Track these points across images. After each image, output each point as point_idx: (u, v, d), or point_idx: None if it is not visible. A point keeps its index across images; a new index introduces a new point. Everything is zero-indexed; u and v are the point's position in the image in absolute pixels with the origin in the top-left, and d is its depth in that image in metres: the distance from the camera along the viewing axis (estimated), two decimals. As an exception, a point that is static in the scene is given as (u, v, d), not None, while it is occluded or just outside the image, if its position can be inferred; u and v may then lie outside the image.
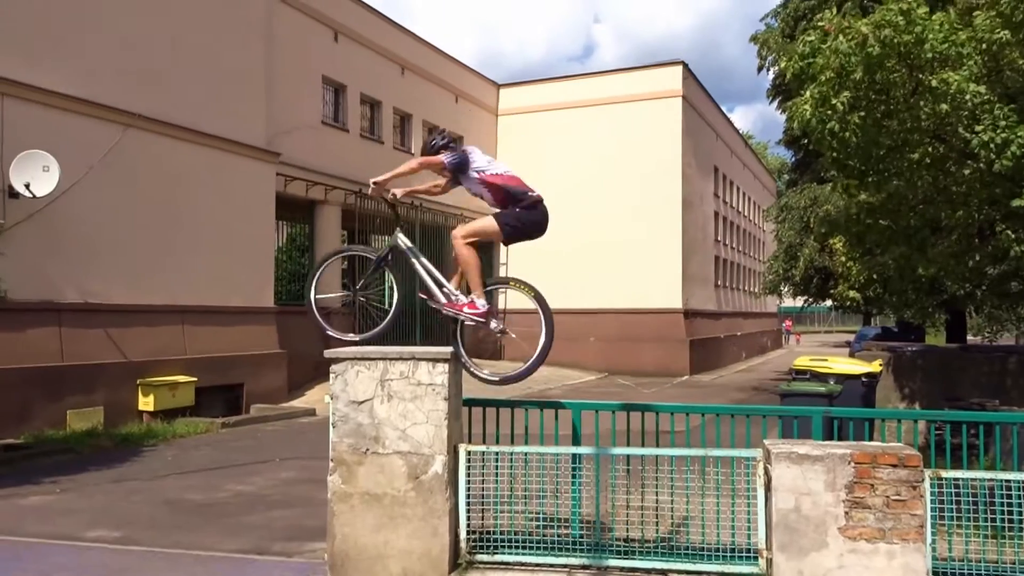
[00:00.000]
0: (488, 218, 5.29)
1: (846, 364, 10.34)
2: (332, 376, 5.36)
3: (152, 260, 13.82)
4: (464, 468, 5.31)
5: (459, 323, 5.38)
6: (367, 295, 5.61)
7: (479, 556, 5.29)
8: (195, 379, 14.03)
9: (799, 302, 29.46)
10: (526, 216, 5.26)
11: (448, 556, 5.15)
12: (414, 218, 20.24)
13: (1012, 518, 4.82)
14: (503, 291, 5.97)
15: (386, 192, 5.44)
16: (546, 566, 5.24)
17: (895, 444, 5.16)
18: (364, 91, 21.41)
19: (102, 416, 12.44)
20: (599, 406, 5.88)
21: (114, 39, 13.12)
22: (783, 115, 23.57)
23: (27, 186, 11.33)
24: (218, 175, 15.30)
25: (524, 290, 5.47)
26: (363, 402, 5.29)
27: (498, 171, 5.31)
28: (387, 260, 5.46)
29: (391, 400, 5.26)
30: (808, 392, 9.21)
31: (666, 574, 5.12)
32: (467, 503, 5.31)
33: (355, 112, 21.18)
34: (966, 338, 21.97)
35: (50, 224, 11.92)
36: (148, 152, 13.75)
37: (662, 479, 5.33)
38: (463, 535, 5.28)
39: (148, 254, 13.75)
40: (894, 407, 12.40)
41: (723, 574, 5.05)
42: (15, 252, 10.91)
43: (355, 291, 5.55)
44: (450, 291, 5.33)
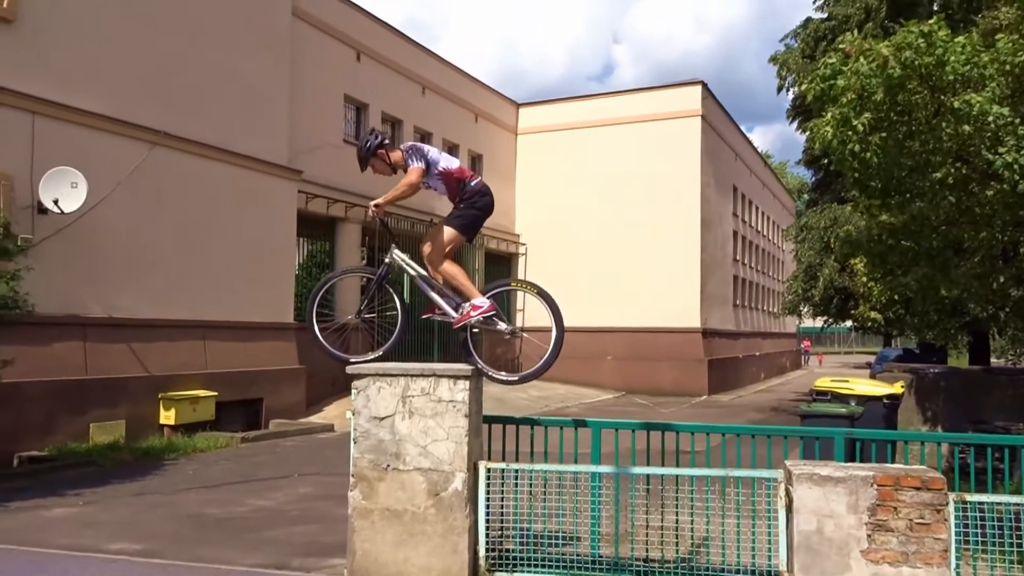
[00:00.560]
0: (446, 229, 5.52)
1: (868, 385, 10.27)
2: (354, 392, 5.41)
3: (175, 275, 14.01)
4: (484, 485, 5.33)
5: (468, 330, 5.48)
6: (373, 315, 5.68)
7: (498, 574, 5.29)
8: (216, 394, 14.15)
9: (818, 322, 29.22)
10: (479, 202, 5.54)
11: (467, 574, 5.16)
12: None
13: (1038, 543, 4.76)
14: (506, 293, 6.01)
15: (383, 215, 5.63)
16: (565, 585, 5.23)
17: (918, 467, 5.12)
18: (385, 110, 21.64)
19: (124, 429, 12.56)
20: (619, 424, 5.89)
21: (141, 59, 13.39)
22: (803, 135, 23.58)
23: (56, 202, 11.56)
24: (241, 192, 15.51)
25: (527, 288, 5.61)
26: (384, 418, 5.34)
27: (451, 164, 5.58)
28: (386, 278, 5.56)
29: (412, 416, 5.30)
30: (829, 413, 9.16)
31: (686, 595, 5.10)
32: (487, 520, 5.33)
33: (376, 130, 21.33)
34: (989, 360, 21.66)
35: (77, 240, 12.12)
36: (173, 169, 13.99)
37: (682, 499, 5.32)
38: (482, 552, 5.29)
39: (172, 269, 13.94)
40: (916, 429, 12.25)
41: (744, 596, 5.03)
42: (43, 267, 11.09)
43: (359, 312, 5.63)
44: (452, 299, 5.47)
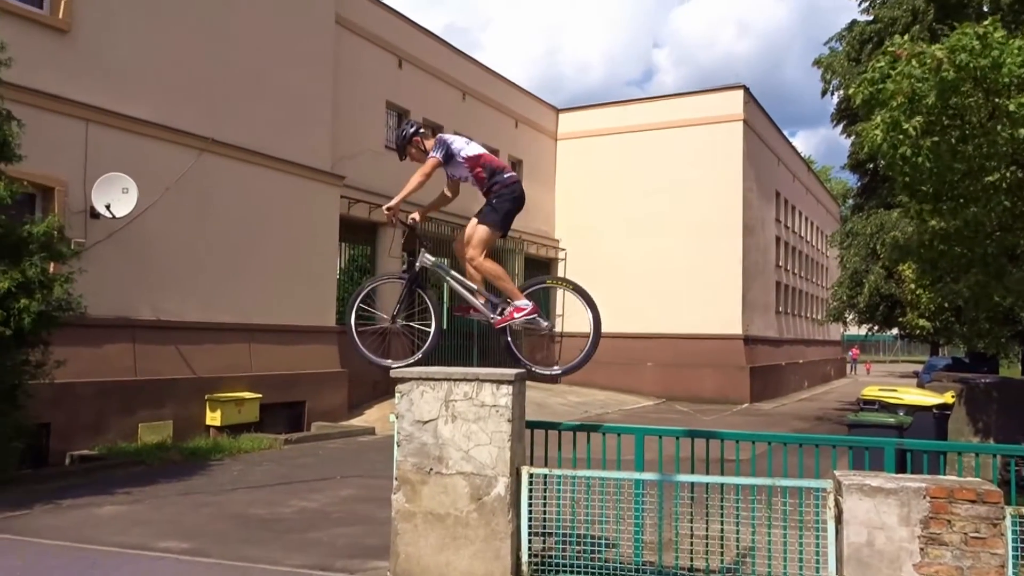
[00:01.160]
0: (480, 227, 5.45)
1: (917, 395, 10.04)
2: (398, 395, 5.45)
3: (222, 279, 14.28)
4: (526, 491, 5.32)
5: (507, 331, 5.47)
6: (408, 320, 5.68)
7: (540, 580, 5.28)
8: (260, 396, 14.36)
9: (863, 330, 28.65)
10: (508, 194, 5.43)
11: (510, 579, 5.16)
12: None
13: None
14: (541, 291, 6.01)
15: (403, 216, 5.54)
16: (608, 593, 5.20)
17: (973, 479, 4.98)
18: (426, 116, 21.80)
19: (171, 430, 12.83)
20: (662, 431, 5.83)
21: (189, 67, 13.70)
22: (848, 139, 23.18)
23: (107, 207, 11.88)
24: (285, 198, 15.76)
25: (564, 285, 5.58)
26: (427, 422, 5.37)
27: (476, 151, 5.51)
28: (417, 281, 5.56)
29: (455, 421, 5.32)
30: (877, 423, 8.97)
31: (731, 605, 5.04)
32: (529, 526, 5.32)
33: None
34: (1043, 370, 21.03)
35: (127, 244, 12.44)
36: (220, 175, 14.28)
37: (727, 508, 5.25)
38: (524, 558, 5.28)
39: (218, 273, 14.21)
40: (967, 440, 11.93)
41: (791, 608, 4.94)
42: (95, 270, 11.38)
43: (392, 318, 5.64)
44: (491, 299, 5.44)
